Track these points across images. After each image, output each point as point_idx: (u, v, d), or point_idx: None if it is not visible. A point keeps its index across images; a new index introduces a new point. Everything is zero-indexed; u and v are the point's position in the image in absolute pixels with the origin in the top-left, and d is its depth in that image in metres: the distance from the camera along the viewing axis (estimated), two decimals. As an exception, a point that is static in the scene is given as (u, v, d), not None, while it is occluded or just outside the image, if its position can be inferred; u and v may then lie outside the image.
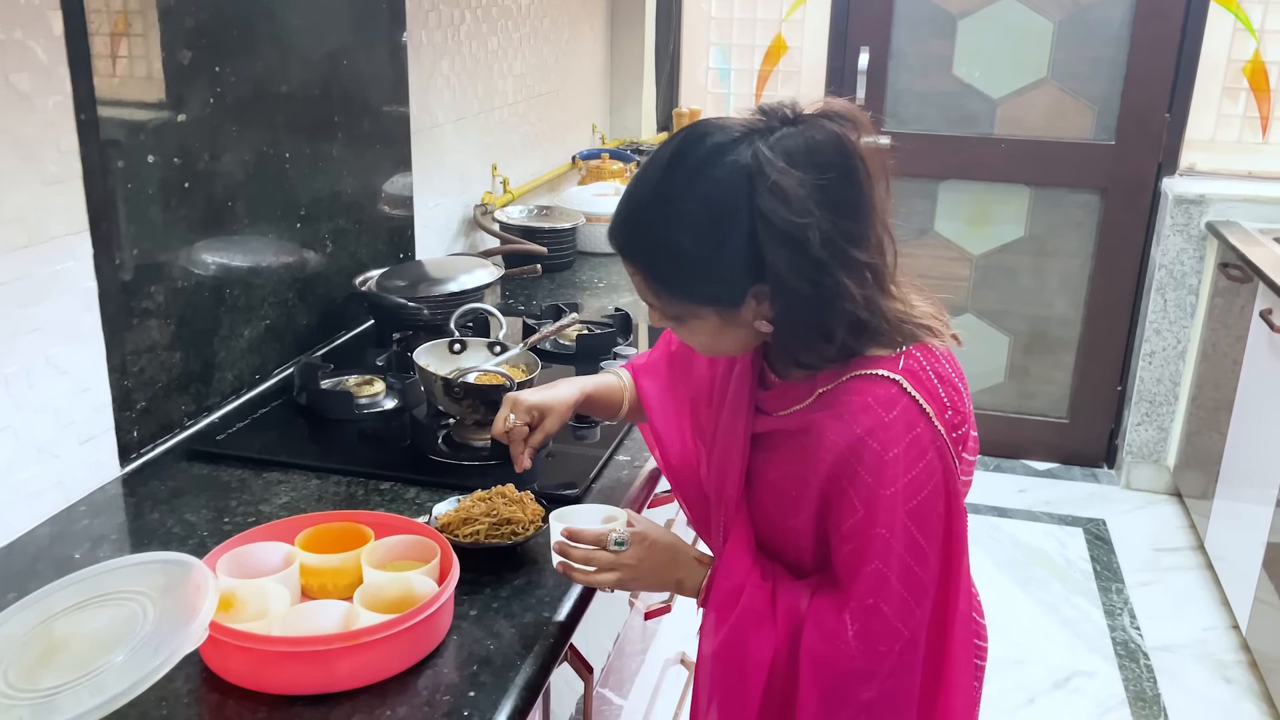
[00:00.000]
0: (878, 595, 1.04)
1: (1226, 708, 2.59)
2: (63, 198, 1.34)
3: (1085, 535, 3.36)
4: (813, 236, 0.99)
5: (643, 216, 1.07)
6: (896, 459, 1.02)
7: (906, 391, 1.04)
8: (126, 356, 1.47)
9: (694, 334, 1.12)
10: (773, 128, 1.03)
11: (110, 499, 1.43)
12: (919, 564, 1.04)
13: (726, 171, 1.01)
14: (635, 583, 1.20)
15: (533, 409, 1.38)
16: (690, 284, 1.06)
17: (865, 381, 1.05)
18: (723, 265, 1.03)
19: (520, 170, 2.86)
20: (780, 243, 1.00)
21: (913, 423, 1.03)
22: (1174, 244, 3.39)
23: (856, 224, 1.03)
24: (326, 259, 1.97)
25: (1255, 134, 3.46)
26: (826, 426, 1.05)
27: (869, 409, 1.03)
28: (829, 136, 1.02)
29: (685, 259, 1.04)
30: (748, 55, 3.80)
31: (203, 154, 1.60)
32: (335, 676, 1.04)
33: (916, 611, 1.05)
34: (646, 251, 1.08)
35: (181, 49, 1.53)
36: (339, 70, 1.94)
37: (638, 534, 1.19)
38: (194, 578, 1.06)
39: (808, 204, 0.99)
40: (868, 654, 1.05)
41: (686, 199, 1.03)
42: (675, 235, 1.04)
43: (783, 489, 1.13)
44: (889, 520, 1.03)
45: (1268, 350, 2.77)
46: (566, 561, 1.18)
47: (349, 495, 1.46)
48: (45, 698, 0.95)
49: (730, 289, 1.05)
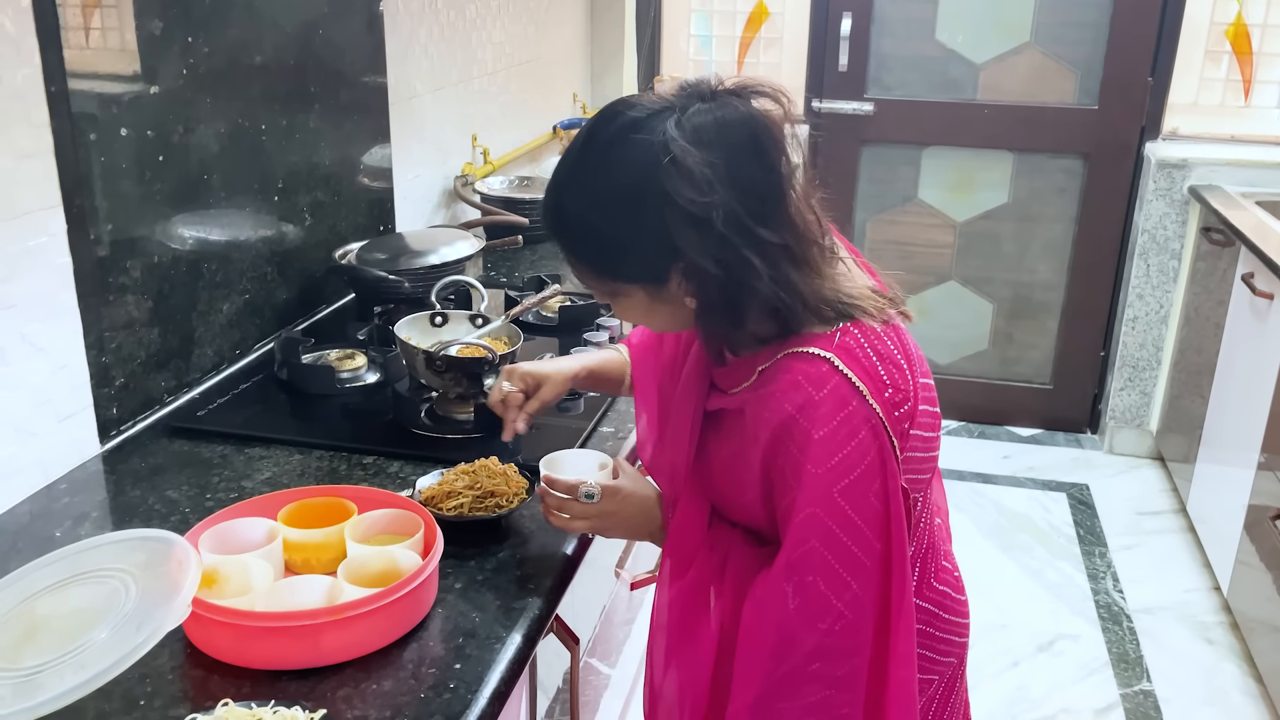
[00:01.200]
0: (814, 572, 1.02)
1: (1208, 668, 2.62)
2: (34, 172, 1.32)
3: (1069, 500, 3.38)
4: (716, 215, 0.98)
5: (561, 197, 1.06)
6: (825, 439, 1.00)
7: (838, 369, 1.02)
8: (104, 333, 1.46)
9: (627, 311, 1.13)
10: (687, 105, 1.01)
11: (90, 476, 1.42)
12: (855, 542, 1.02)
13: (635, 150, 1.00)
14: (607, 531, 1.25)
15: (528, 376, 1.40)
16: (612, 263, 1.06)
17: (797, 360, 1.04)
18: (639, 244, 1.03)
19: (501, 141, 2.84)
20: (685, 222, 0.99)
21: (844, 401, 1.01)
22: (1157, 209, 3.39)
23: (765, 203, 1.01)
24: (305, 232, 1.95)
25: (1238, 97, 3.46)
26: (761, 405, 1.05)
27: (799, 386, 1.02)
28: (739, 115, 1.01)
29: (603, 239, 1.05)
30: (729, 22, 3.77)
31: (177, 126, 1.58)
32: (320, 651, 1.04)
33: (853, 587, 1.02)
34: (568, 232, 1.07)
35: (153, 19, 1.51)
36: (314, 40, 1.91)
37: (611, 488, 1.21)
38: (176, 554, 1.05)
39: (712, 182, 0.98)
40: (807, 626, 1.03)
41: (598, 179, 1.03)
42: (591, 216, 1.04)
43: (732, 467, 1.13)
44: (820, 499, 1.01)
45: (1249, 314, 2.78)
46: (545, 505, 1.23)
47: (331, 470, 1.45)
48: (27, 676, 0.95)
49: (651, 267, 1.04)
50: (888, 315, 1.08)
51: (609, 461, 1.28)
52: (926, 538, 1.19)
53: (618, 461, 1.27)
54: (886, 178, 3.73)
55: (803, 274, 1.03)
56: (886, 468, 1.02)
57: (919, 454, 1.09)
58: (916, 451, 1.08)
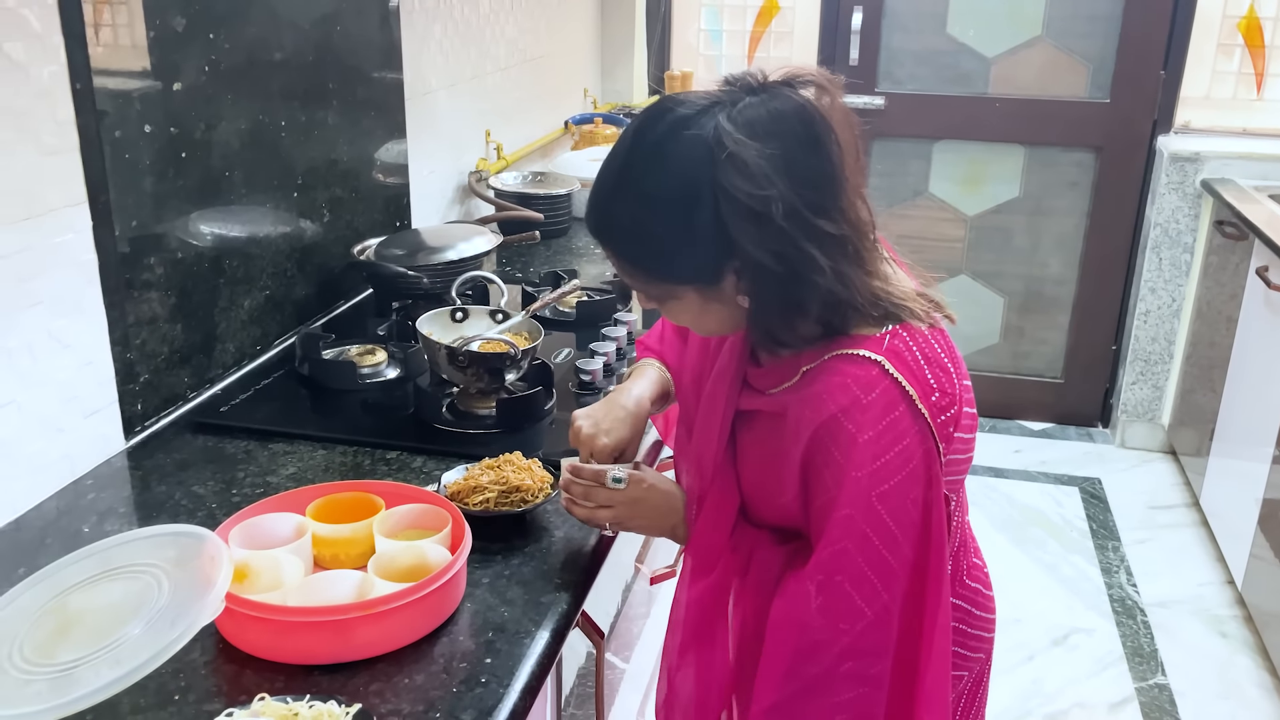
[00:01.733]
0: (842, 573, 1.01)
1: (1222, 662, 2.62)
2: (60, 169, 1.33)
3: (1081, 494, 3.38)
4: (775, 209, 0.95)
5: (610, 199, 1.04)
6: (870, 441, 0.99)
7: (888, 373, 1.00)
8: (128, 329, 1.46)
9: (678, 314, 1.10)
10: (736, 99, 0.99)
11: (116, 472, 1.43)
12: (888, 548, 1.01)
13: (687, 147, 0.98)
14: (631, 521, 1.22)
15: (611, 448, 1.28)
16: (664, 265, 1.04)
17: (846, 361, 1.02)
18: (694, 244, 1.00)
19: (513, 136, 2.84)
20: (743, 216, 0.96)
21: (892, 405, 1.00)
22: (1169, 202, 3.39)
23: (823, 194, 0.99)
24: (324, 228, 1.95)
25: (1250, 90, 3.46)
26: (804, 405, 1.03)
27: (846, 389, 1.00)
28: (793, 105, 0.99)
29: (655, 240, 1.02)
30: (740, 16, 3.77)
31: (199, 123, 1.58)
32: (353, 645, 1.05)
33: (883, 595, 1.01)
34: (617, 235, 1.05)
35: (175, 16, 1.51)
36: (332, 36, 1.91)
37: (636, 476, 1.20)
38: (207, 549, 1.05)
39: (769, 175, 0.95)
40: (828, 628, 1.02)
41: (649, 179, 1.00)
42: (642, 217, 1.02)
43: (768, 467, 1.12)
44: (857, 501, 1.00)
45: (1264, 307, 2.78)
46: (569, 496, 1.21)
47: (355, 465, 1.45)
48: (64, 671, 0.95)
49: (705, 267, 1.02)
50: (933, 318, 1.07)
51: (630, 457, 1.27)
52: (959, 535, 1.19)
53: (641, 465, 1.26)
54: (897, 172, 3.73)
55: (858, 269, 1.02)
56: (931, 473, 1.01)
57: (959, 455, 1.08)
58: (957, 454, 1.08)
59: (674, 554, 1.78)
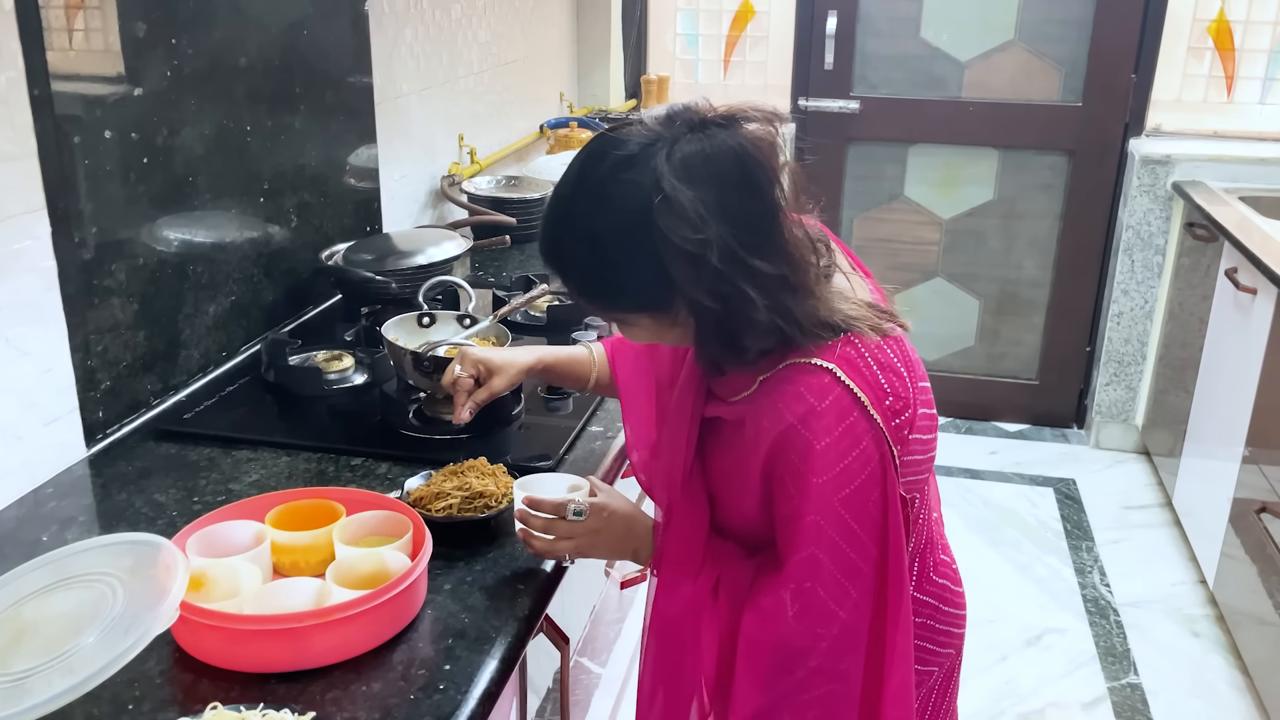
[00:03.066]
0: (814, 579, 1.04)
1: (1195, 660, 2.64)
2: (18, 175, 1.32)
3: (1056, 495, 3.40)
4: (710, 251, 0.97)
5: (559, 237, 1.06)
6: (828, 448, 1.01)
7: (840, 380, 1.02)
8: (89, 336, 1.45)
9: (636, 335, 1.14)
10: (677, 136, 1.00)
11: (77, 480, 1.42)
12: (855, 550, 1.03)
13: (627, 189, 0.99)
14: (592, 550, 1.22)
15: (479, 363, 1.41)
16: (614, 297, 1.07)
17: (799, 370, 1.04)
18: (638, 280, 1.02)
19: (487, 140, 2.84)
20: (680, 258, 0.98)
21: (845, 412, 1.02)
22: (1141, 205, 3.41)
23: (758, 234, 1.00)
24: (291, 233, 1.94)
25: (1220, 93, 3.48)
26: (762, 415, 1.05)
27: (801, 397, 1.03)
28: (727, 147, 1.00)
29: (603, 275, 1.04)
30: (715, 20, 3.77)
31: (161, 128, 1.57)
32: (309, 653, 1.04)
33: (853, 595, 1.04)
34: (567, 268, 1.07)
35: (137, 21, 1.50)
36: (299, 40, 1.91)
37: (596, 505, 1.21)
38: (163, 558, 1.05)
39: (705, 218, 0.97)
40: (806, 634, 1.05)
41: (594, 219, 1.02)
42: (589, 254, 1.04)
43: (730, 475, 1.14)
44: (821, 507, 1.02)
45: (1233, 308, 2.80)
46: (526, 529, 1.21)
47: (320, 472, 1.45)
48: (15, 681, 0.95)
49: (654, 299, 1.04)
50: (883, 330, 1.08)
51: (582, 483, 1.26)
52: (925, 532, 1.20)
53: (592, 480, 1.26)
54: (872, 175, 3.74)
55: (799, 300, 1.03)
56: (886, 476, 1.03)
57: (917, 456, 1.10)
58: (915, 454, 1.09)
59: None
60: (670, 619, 1.16)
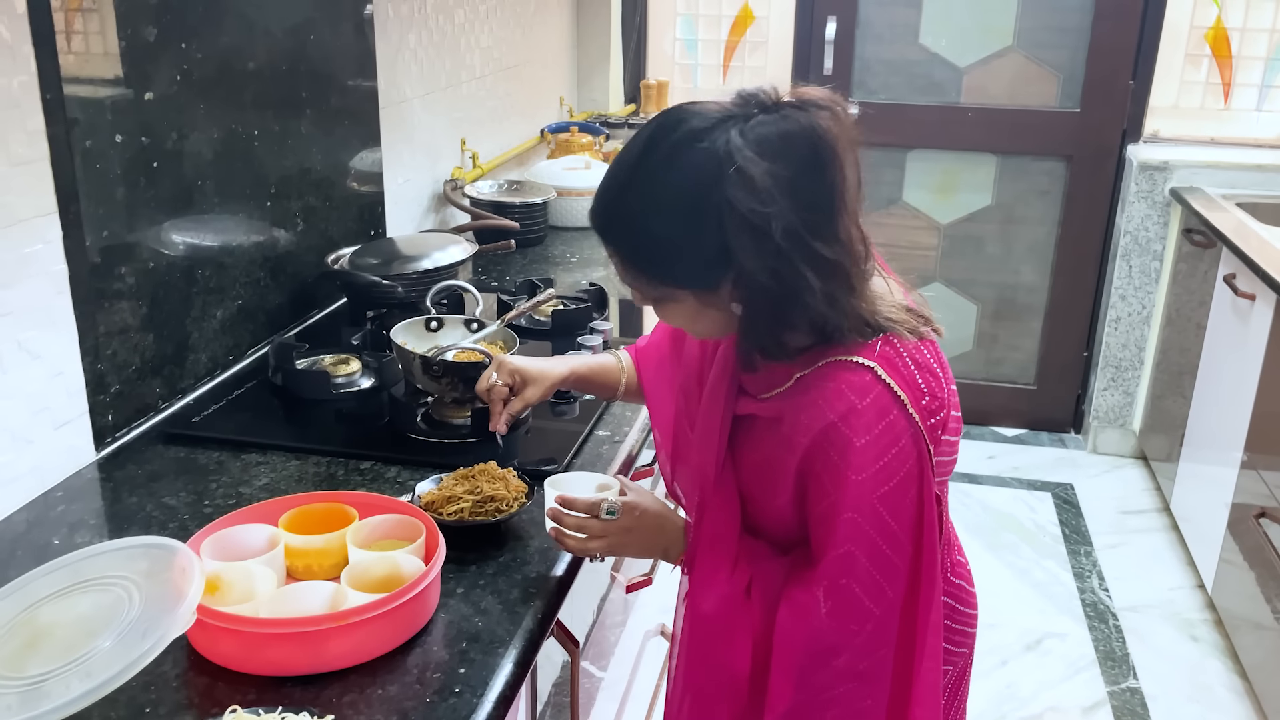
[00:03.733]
0: (850, 576, 1.05)
1: (1194, 665, 2.65)
2: (30, 179, 1.32)
3: (1054, 499, 3.41)
4: (775, 226, 0.98)
5: (619, 201, 1.06)
6: (868, 446, 1.02)
7: (881, 379, 1.03)
8: (99, 340, 1.45)
9: (672, 316, 1.13)
10: (748, 114, 1.01)
11: (87, 484, 1.42)
12: (891, 547, 1.05)
13: (699, 157, 1.00)
14: (623, 549, 1.23)
15: (515, 373, 1.41)
16: (665, 268, 1.06)
17: (840, 368, 1.05)
18: (695, 251, 1.02)
19: (489, 145, 2.84)
20: (744, 230, 0.99)
21: (885, 410, 1.03)
22: (1138, 210, 3.43)
23: (822, 218, 1.01)
24: (297, 237, 1.95)
25: (1217, 100, 3.50)
26: (800, 412, 1.06)
27: (842, 395, 1.03)
28: (802, 127, 1.01)
29: (660, 243, 1.04)
30: (714, 25, 3.78)
31: (170, 133, 1.57)
32: (325, 657, 1.04)
33: (888, 592, 1.06)
34: (623, 235, 1.07)
35: (146, 25, 1.51)
36: (305, 45, 1.91)
37: (629, 504, 1.21)
38: (178, 561, 1.05)
39: (773, 193, 0.98)
40: (840, 631, 1.06)
41: (660, 185, 1.02)
42: (650, 220, 1.04)
43: (763, 472, 1.14)
44: (859, 504, 1.03)
45: (1231, 314, 2.82)
46: (559, 528, 1.21)
47: (329, 475, 1.45)
48: (33, 685, 0.95)
49: (704, 274, 1.04)
50: (921, 333, 1.10)
51: (612, 481, 1.27)
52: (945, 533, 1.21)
53: (621, 480, 1.27)
54: (871, 180, 3.75)
55: (847, 293, 1.04)
56: (924, 475, 1.04)
57: (945, 457, 1.12)
58: (944, 455, 1.11)
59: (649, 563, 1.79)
60: (706, 617, 1.15)
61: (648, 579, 1.75)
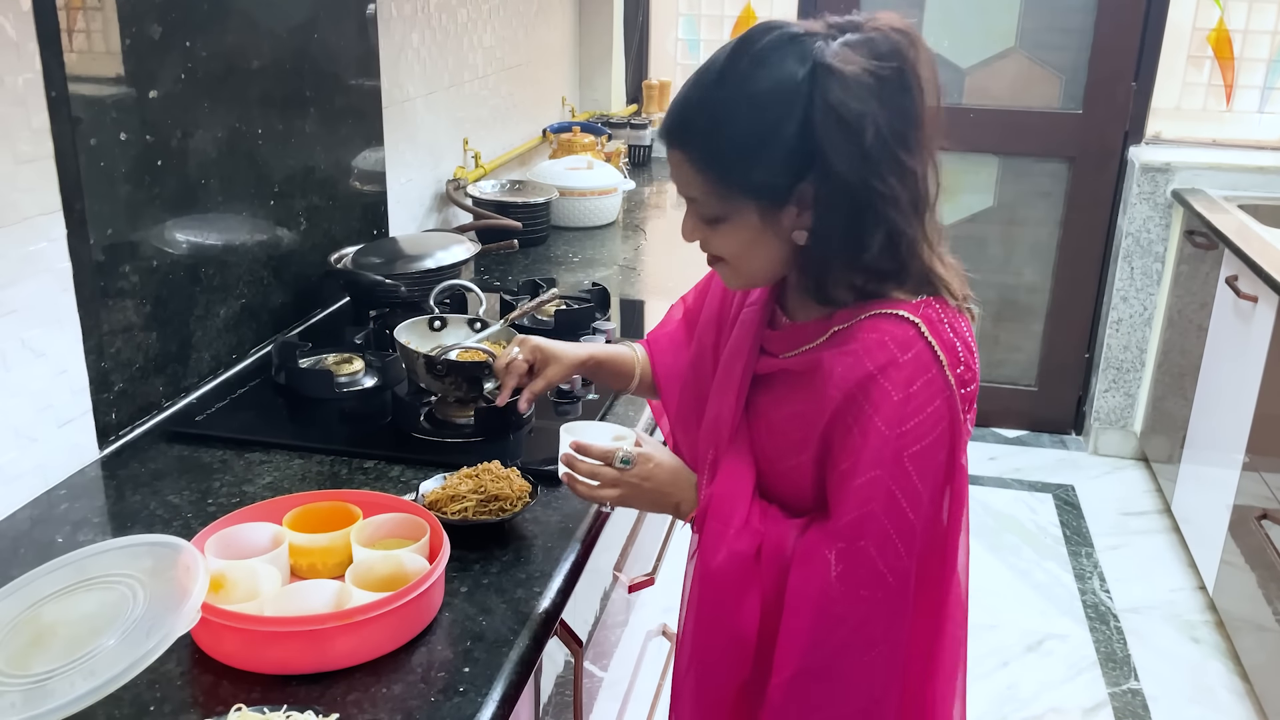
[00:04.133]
0: (867, 538, 1.03)
1: (1195, 666, 2.65)
2: (35, 177, 1.32)
3: (1055, 501, 3.41)
4: (868, 126, 0.99)
5: (702, 98, 1.05)
6: (905, 400, 1.01)
7: (923, 335, 1.03)
8: (103, 338, 1.45)
9: (728, 240, 1.10)
10: (833, 34, 1.03)
11: (90, 482, 1.42)
12: (914, 510, 1.03)
13: (791, 57, 1.01)
14: (635, 500, 1.21)
15: (537, 350, 1.39)
16: (740, 168, 1.04)
17: (883, 320, 1.04)
18: (778, 150, 1.02)
19: (491, 144, 2.84)
20: (836, 127, 0.99)
21: (926, 367, 1.02)
22: (1140, 212, 3.43)
23: (909, 132, 1.02)
24: (300, 236, 1.95)
25: (1219, 102, 3.50)
26: (838, 361, 1.04)
27: (884, 346, 1.02)
28: (892, 45, 1.02)
29: (739, 140, 1.03)
30: (717, 26, 3.79)
31: (175, 131, 1.57)
32: (330, 655, 1.04)
33: (904, 558, 1.04)
34: (700, 133, 1.05)
35: (152, 24, 1.51)
36: (309, 44, 1.91)
37: (643, 454, 1.19)
38: (183, 560, 1.05)
39: (866, 95, 0.99)
40: (849, 596, 1.04)
41: (749, 80, 1.02)
42: (732, 114, 1.03)
43: (785, 430, 1.12)
44: (888, 462, 1.02)
45: (1233, 316, 2.82)
46: (571, 474, 1.20)
47: (333, 474, 1.45)
48: (37, 683, 0.95)
49: (778, 182, 1.03)
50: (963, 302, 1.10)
51: (628, 432, 1.25)
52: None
53: (638, 433, 1.25)
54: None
55: (922, 221, 1.05)
56: (955, 439, 1.04)
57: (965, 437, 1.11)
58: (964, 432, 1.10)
59: (652, 562, 1.79)
60: (714, 573, 1.13)
61: (650, 579, 1.75)
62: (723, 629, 1.14)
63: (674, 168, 1.09)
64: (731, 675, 1.14)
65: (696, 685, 1.20)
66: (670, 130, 1.08)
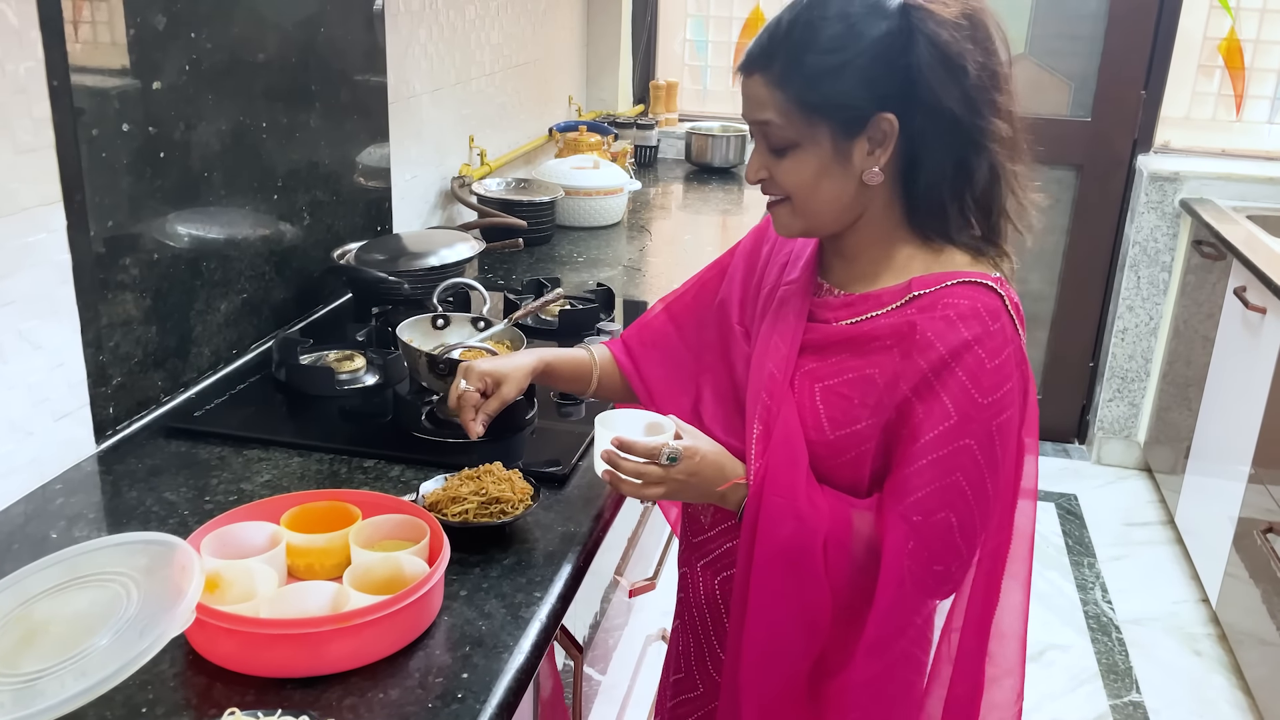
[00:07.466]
0: (950, 508, 1.03)
1: (1196, 679, 2.63)
2: (35, 167, 1.30)
3: (1057, 510, 3.39)
4: (971, 64, 1.00)
5: (796, 16, 1.06)
6: (995, 370, 1.01)
7: (1005, 306, 1.04)
8: (101, 331, 1.44)
9: (796, 170, 1.08)
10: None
11: (86, 477, 1.40)
12: (994, 480, 1.04)
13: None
14: (682, 495, 1.17)
15: (485, 375, 1.35)
16: (825, 81, 1.04)
17: (972, 288, 1.04)
18: (862, 68, 1.02)
19: (497, 142, 2.83)
20: (940, 62, 1.00)
21: (1011, 338, 1.03)
22: (1148, 221, 3.41)
23: (999, 82, 1.04)
24: (303, 231, 1.93)
25: (1229, 112, 3.49)
26: (929, 327, 1.04)
27: (978, 316, 1.02)
28: (974, 7, 1.04)
29: (828, 51, 1.03)
30: (725, 27, 3.77)
31: (178, 123, 1.56)
32: (326, 659, 1.02)
33: (980, 532, 1.05)
34: (792, 43, 1.05)
35: (155, 14, 1.49)
36: (315, 38, 1.89)
37: (689, 448, 1.14)
38: (178, 558, 1.03)
39: (962, 38, 1.01)
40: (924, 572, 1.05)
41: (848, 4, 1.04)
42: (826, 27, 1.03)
43: (844, 394, 1.09)
44: (977, 430, 1.02)
45: (1241, 327, 2.80)
46: (614, 472, 1.15)
47: (332, 473, 1.43)
48: (27, 682, 0.93)
49: (859, 102, 1.03)
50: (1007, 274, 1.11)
51: (662, 420, 1.19)
52: None
53: (675, 420, 1.19)
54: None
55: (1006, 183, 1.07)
56: (1027, 410, 1.06)
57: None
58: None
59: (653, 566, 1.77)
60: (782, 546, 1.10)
61: (651, 584, 1.73)
62: (794, 602, 1.11)
63: (749, 95, 1.09)
64: (807, 651, 1.12)
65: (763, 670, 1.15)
66: (753, 52, 1.08)
